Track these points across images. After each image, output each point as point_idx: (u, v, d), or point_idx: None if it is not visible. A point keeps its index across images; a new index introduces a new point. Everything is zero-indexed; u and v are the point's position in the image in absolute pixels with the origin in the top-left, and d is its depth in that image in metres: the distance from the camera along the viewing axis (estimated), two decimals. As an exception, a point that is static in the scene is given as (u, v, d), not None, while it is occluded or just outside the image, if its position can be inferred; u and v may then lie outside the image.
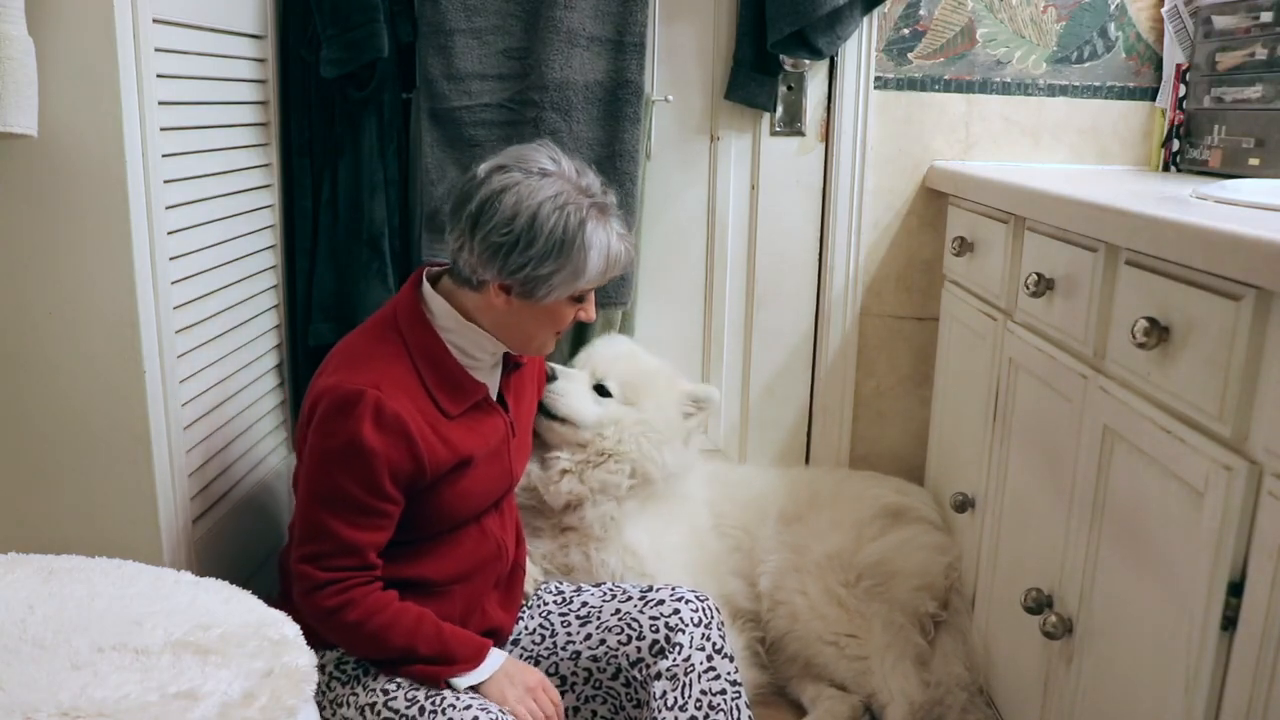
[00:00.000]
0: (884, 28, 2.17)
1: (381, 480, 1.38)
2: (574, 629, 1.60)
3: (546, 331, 1.52)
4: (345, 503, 1.38)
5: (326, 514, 1.39)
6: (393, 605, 1.42)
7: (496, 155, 1.48)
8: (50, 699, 0.99)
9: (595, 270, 1.45)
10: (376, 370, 1.41)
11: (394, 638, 1.41)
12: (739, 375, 2.34)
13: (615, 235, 1.47)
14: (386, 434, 1.37)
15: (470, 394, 1.49)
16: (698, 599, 1.58)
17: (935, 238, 2.24)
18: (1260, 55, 1.86)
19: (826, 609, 1.87)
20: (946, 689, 1.79)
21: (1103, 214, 1.35)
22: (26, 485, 1.48)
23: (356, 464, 1.37)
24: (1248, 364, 1.06)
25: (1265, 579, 1.02)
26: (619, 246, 1.47)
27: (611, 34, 2.03)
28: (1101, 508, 1.36)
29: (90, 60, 1.34)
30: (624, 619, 1.57)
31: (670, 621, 1.54)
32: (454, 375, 1.48)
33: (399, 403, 1.39)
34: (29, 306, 1.42)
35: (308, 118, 1.97)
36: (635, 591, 1.62)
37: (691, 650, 1.52)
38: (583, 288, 1.47)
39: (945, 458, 2.15)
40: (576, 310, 1.51)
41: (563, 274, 1.42)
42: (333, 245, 2.00)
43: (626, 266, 1.52)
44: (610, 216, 1.47)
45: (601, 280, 1.48)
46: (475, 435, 1.50)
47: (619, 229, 1.48)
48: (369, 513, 1.40)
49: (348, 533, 1.39)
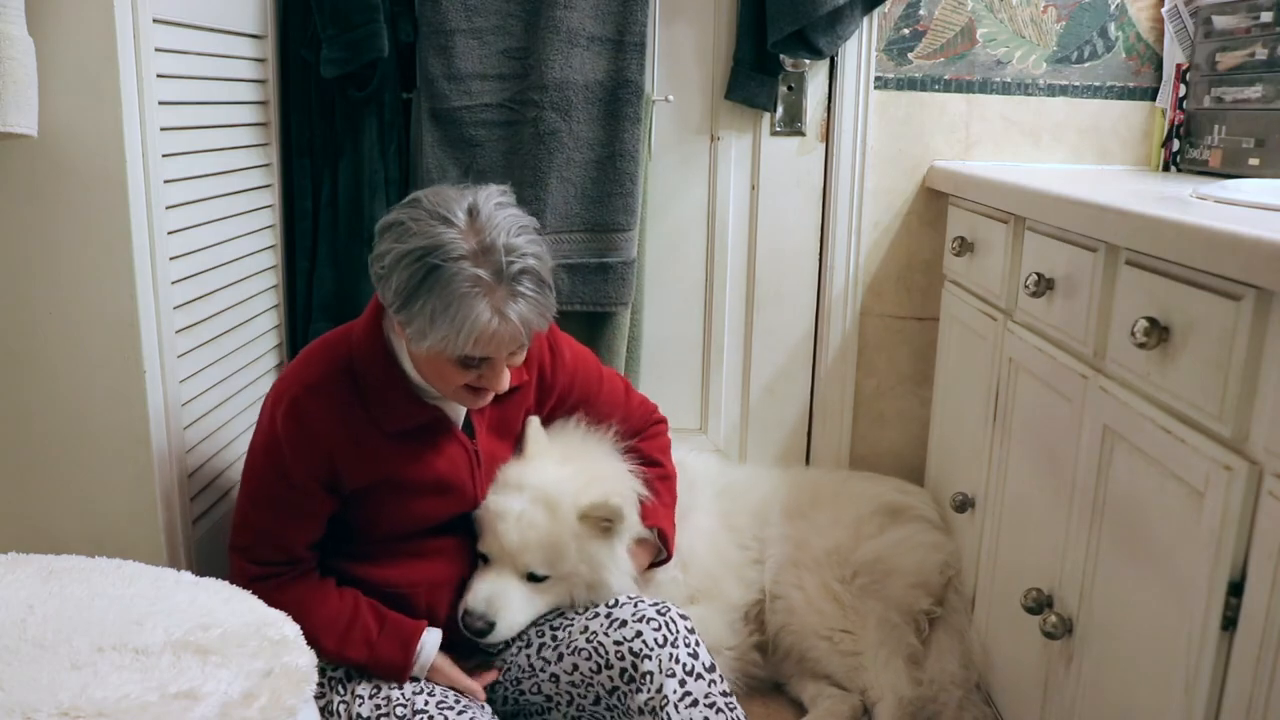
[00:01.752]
0: (884, 28, 2.17)
1: (295, 473, 1.43)
2: (548, 651, 1.56)
3: (442, 384, 1.41)
4: (266, 495, 1.46)
5: (251, 506, 1.47)
6: (320, 610, 1.44)
7: (429, 189, 1.40)
8: (50, 699, 0.99)
9: (449, 335, 1.31)
10: (312, 375, 1.45)
11: (322, 640, 1.42)
12: (739, 375, 2.34)
13: (491, 310, 1.30)
14: (301, 431, 1.42)
15: (414, 415, 1.46)
16: (659, 614, 1.51)
17: (935, 238, 2.24)
18: (1260, 55, 1.86)
19: (823, 604, 1.88)
20: (940, 686, 1.79)
21: (1103, 214, 1.35)
22: (26, 485, 1.48)
23: (276, 457, 1.44)
24: (1248, 364, 1.05)
25: (1265, 579, 1.02)
26: (492, 323, 1.30)
27: (612, 34, 2.03)
28: (1101, 508, 1.36)
29: (90, 60, 1.34)
30: (591, 641, 1.52)
31: (634, 646, 1.47)
32: (398, 393, 1.45)
33: (320, 408, 1.42)
34: (29, 306, 1.42)
35: (308, 118, 1.97)
36: (601, 606, 1.56)
37: (663, 679, 1.45)
38: (451, 353, 1.34)
39: (945, 458, 2.15)
40: (470, 375, 1.39)
41: (414, 328, 1.33)
42: (333, 245, 2.00)
43: (515, 341, 1.35)
44: (503, 289, 1.31)
45: (474, 350, 1.33)
46: (417, 459, 1.47)
47: (514, 304, 1.32)
48: (289, 506, 1.45)
49: (272, 525, 1.46)
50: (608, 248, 2.07)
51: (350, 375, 1.44)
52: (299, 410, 1.41)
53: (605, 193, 2.05)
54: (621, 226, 2.07)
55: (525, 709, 1.59)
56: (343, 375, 1.44)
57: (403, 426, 1.46)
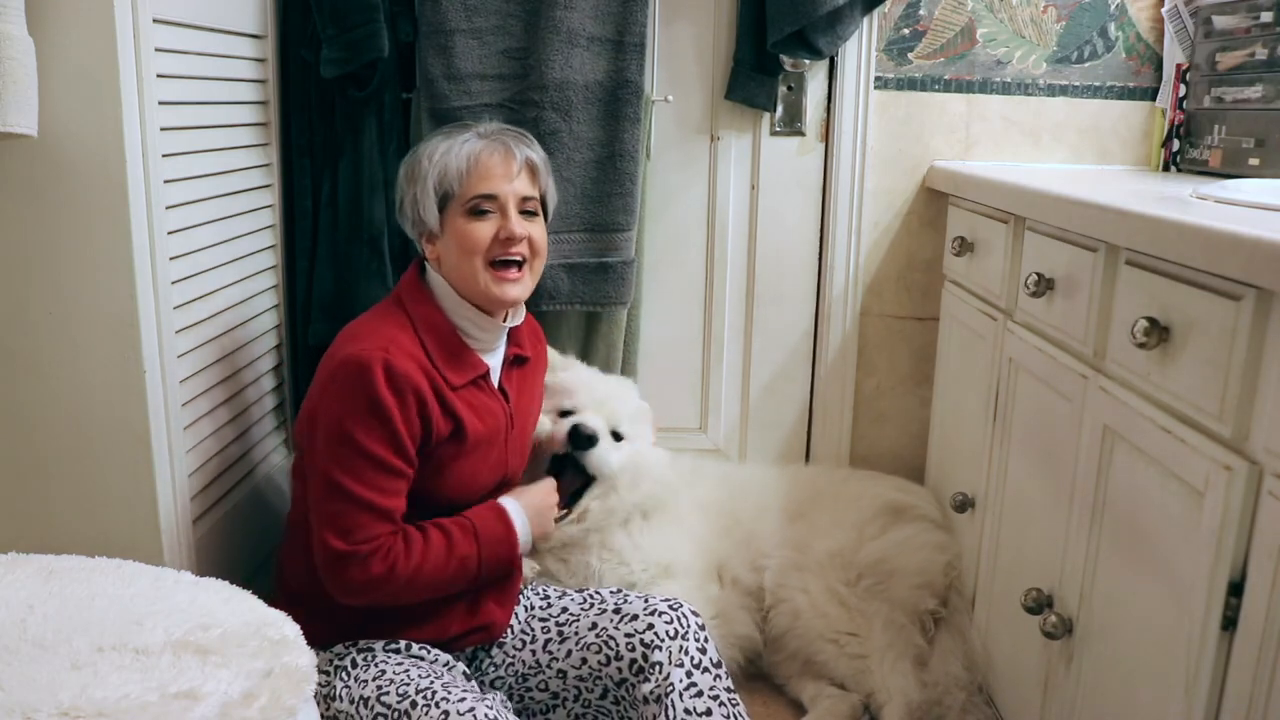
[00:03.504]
0: (884, 28, 2.17)
1: (402, 438, 1.43)
2: (555, 647, 1.58)
3: (470, 261, 1.52)
4: (371, 465, 1.42)
5: (352, 481, 1.42)
6: (419, 542, 1.47)
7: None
8: (50, 699, 0.99)
9: (440, 171, 1.52)
10: (384, 338, 1.46)
11: (447, 566, 1.47)
12: (739, 375, 2.34)
13: (466, 138, 1.54)
14: (399, 393, 1.42)
15: (472, 367, 1.55)
16: (671, 609, 1.55)
17: (935, 238, 2.24)
18: (1260, 55, 1.86)
19: (828, 607, 1.88)
20: (945, 689, 1.79)
21: (1103, 214, 1.35)
22: (27, 485, 1.48)
23: (375, 423, 1.42)
24: (1248, 364, 1.05)
25: (1265, 579, 1.02)
26: (483, 145, 1.53)
27: (612, 34, 2.02)
28: (1101, 508, 1.36)
29: (90, 60, 1.34)
30: (601, 636, 1.55)
31: (645, 638, 1.51)
32: (456, 347, 1.54)
33: (406, 365, 1.44)
34: (29, 306, 1.42)
35: (308, 118, 1.97)
36: (610, 602, 1.60)
37: (671, 668, 1.48)
38: (453, 193, 1.52)
39: (945, 458, 2.15)
40: (488, 229, 1.52)
41: (419, 189, 1.53)
42: (333, 245, 2.00)
43: (510, 165, 1.53)
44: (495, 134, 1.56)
45: (476, 181, 1.52)
46: (474, 412, 1.53)
47: (503, 135, 1.56)
48: (393, 474, 1.44)
49: (376, 498, 1.43)
50: (607, 247, 2.07)
51: (415, 335, 1.50)
52: (395, 373, 1.42)
53: (605, 192, 2.05)
54: (621, 226, 2.07)
55: (530, 708, 1.60)
56: (410, 338, 1.50)
57: (466, 378, 1.53)
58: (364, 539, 1.42)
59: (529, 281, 1.57)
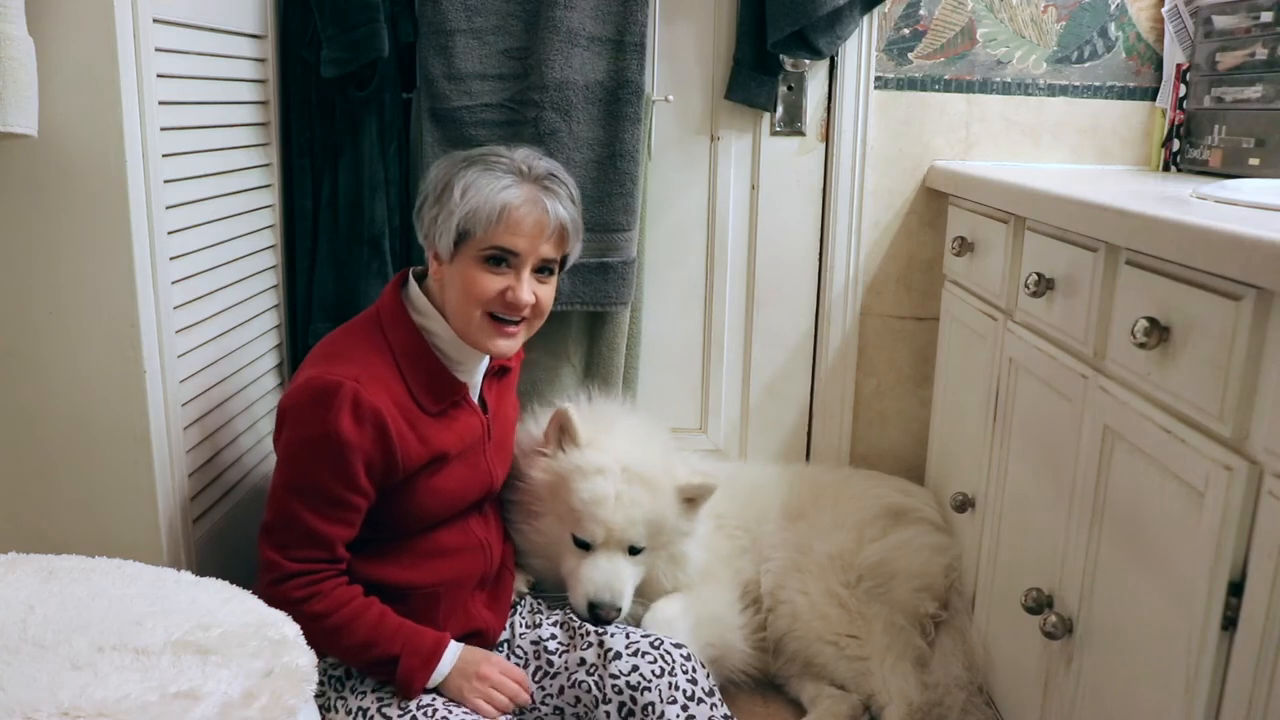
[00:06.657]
0: (884, 28, 2.17)
1: (355, 472, 1.40)
2: (548, 682, 1.55)
3: (470, 308, 1.47)
4: (318, 494, 1.40)
5: (298, 504, 1.40)
6: (356, 600, 1.43)
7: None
8: (50, 699, 0.99)
9: (470, 210, 1.43)
10: (357, 364, 1.43)
11: (355, 633, 1.41)
12: (739, 375, 2.34)
13: (520, 190, 1.45)
14: (363, 426, 1.39)
15: (449, 392, 1.51)
16: (653, 647, 1.53)
17: (935, 238, 2.24)
18: (1260, 55, 1.86)
19: (828, 609, 1.87)
20: (945, 690, 1.79)
21: (1103, 214, 1.35)
22: (27, 485, 1.48)
23: (332, 455, 1.39)
24: (1248, 364, 1.05)
25: (1265, 579, 1.02)
26: (521, 196, 1.44)
27: (612, 34, 2.02)
28: (1101, 508, 1.36)
29: (90, 60, 1.34)
30: (592, 674, 1.52)
31: (631, 680, 1.48)
32: (434, 373, 1.50)
33: (377, 397, 1.40)
34: (29, 306, 1.42)
35: (308, 118, 1.97)
36: (594, 636, 1.56)
37: (664, 706, 1.46)
38: (479, 235, 1.44)
39: (945, 458, 2.15)
40: (497, 283, 1.46)
41: (441, 213, 1.46)
42: (333, 245, 2.00)
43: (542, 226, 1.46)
44: (534, 183, 1.47)
45: (502, 230, 1.44)
46: (451, 432, 1.51)
47: (543, 194, 1.46)
48: (340, 505, 1.41)
49: (318, 524, 1.40)
50: (608, 248, 2.07)
51: (390, 358, 1.47)
52: (361, 406, 1.38)
53: (605, 193, 2.05)
54: (621, 226, 2.07)
55: None
56: (387, 364, 1.46)
57: (445, 402, 1.50)
58: (296, 558, 1.41)
59: (525, 336, 1.54)
